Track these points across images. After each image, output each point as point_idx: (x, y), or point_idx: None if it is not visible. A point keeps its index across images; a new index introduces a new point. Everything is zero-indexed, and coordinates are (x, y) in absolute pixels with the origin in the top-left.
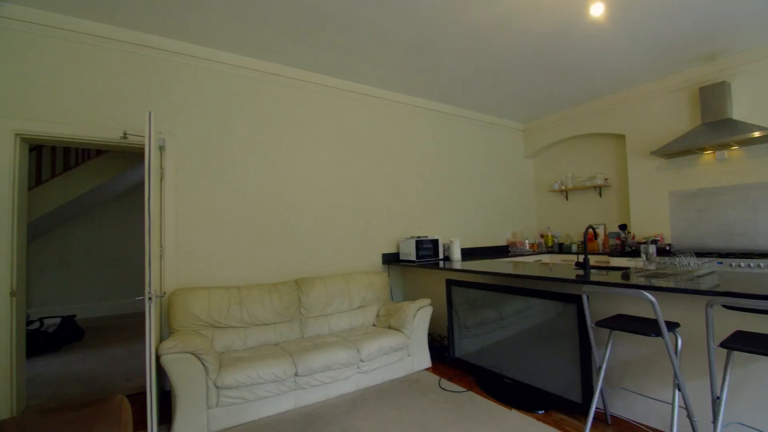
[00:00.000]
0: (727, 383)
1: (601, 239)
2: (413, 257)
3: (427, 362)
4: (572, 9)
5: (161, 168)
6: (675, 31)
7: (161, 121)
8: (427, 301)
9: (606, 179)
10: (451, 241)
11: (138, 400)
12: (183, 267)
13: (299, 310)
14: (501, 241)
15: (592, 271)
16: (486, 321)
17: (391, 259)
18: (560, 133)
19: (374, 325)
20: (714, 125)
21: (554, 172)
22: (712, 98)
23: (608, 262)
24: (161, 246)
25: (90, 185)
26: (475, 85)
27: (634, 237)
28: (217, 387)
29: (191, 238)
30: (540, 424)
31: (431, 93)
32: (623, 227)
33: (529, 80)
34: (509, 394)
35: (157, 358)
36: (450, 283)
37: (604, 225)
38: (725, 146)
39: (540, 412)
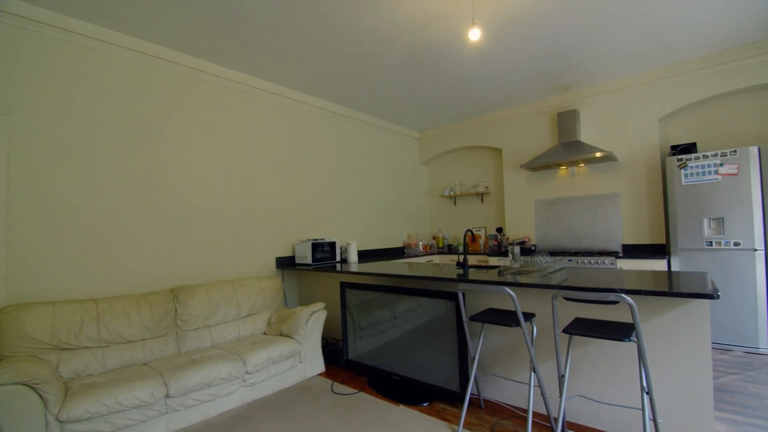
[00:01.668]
0: (569, 363)
1: (482, 241)
2: (309, 260)
3: (320, 367)
4: (454, 32)
5: None
6: (539, 63)
7: None
8: (321, 305)
9: (487, 187)
10: (348, 244)
11: None
12: (18, 278)
13: (175, 322)
14: (397, 243)
15: (471, 270)
16: (378, 321)
17: (286, 263)
18: (450, 144)
19: (265, 333)
20: (567, 145)
21: (445, 179)
22: (566, 122)
23: (487, 261)
24: None
25: None
26: (373, 91)
27: (508, 239)
28: (61, 421)
29: (31, 242)
30: (424, 416)
31: (331, 95)
32: (499, 230)
33: (421, 92)
34: (398, 390)
35: None
36: (344, 286)
37: (485, 228)
38: (575, 163)
39: (425, 404)
